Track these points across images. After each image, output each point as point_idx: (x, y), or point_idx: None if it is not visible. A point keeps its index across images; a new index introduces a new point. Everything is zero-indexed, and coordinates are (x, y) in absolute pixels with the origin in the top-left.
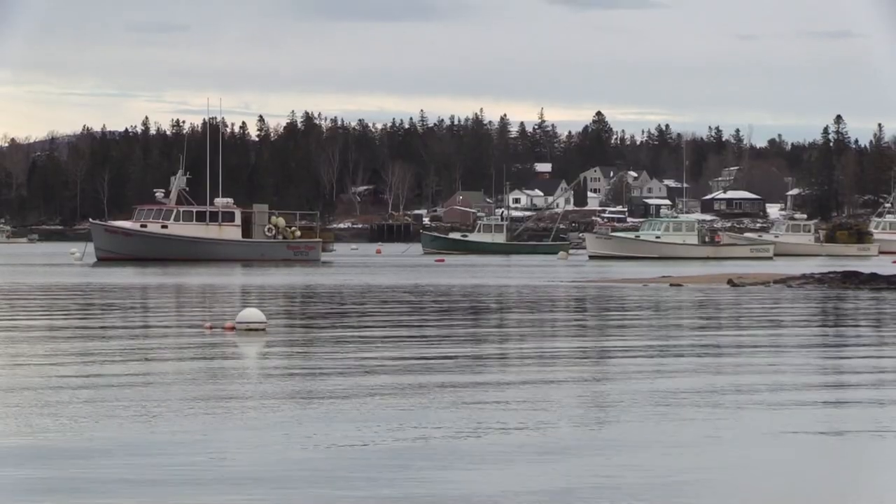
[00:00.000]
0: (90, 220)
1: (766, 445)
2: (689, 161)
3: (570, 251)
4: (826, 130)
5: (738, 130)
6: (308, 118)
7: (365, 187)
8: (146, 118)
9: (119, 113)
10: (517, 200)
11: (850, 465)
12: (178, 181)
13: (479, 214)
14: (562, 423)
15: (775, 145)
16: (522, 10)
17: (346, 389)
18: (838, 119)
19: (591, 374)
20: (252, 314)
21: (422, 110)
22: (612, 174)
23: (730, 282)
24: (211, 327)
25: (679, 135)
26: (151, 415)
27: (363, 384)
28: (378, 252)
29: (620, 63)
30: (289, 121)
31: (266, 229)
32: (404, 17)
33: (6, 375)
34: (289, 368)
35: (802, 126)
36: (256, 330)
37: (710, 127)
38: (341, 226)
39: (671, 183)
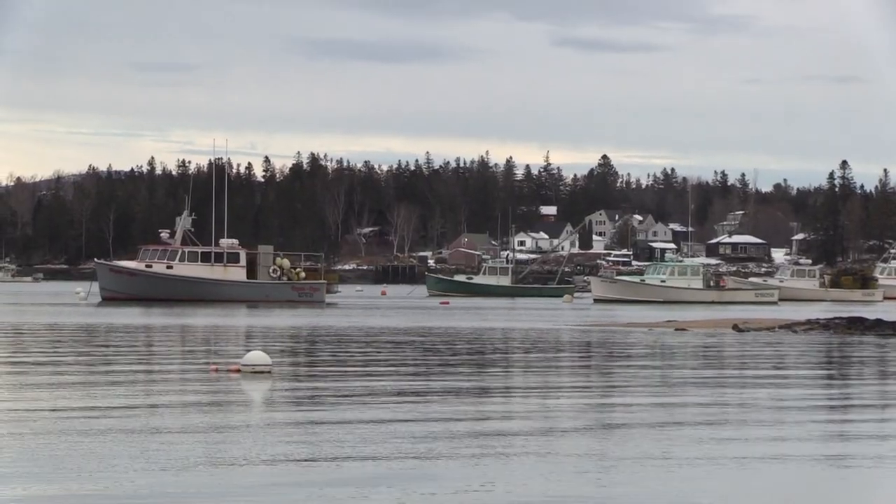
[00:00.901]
0: (95, 259)
1: (768, 477)
2: (694, 205)
3: (575, 294)
4: (832, 175)
5: (743, 175)
6: (314, 159)
7: (370, 229)
8: (152, 158)
9: (125, 153)
10: (522, 243)
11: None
12: (184, 221)
13: (484, 257)
14: (569, 471)
15: (781, 190)
16: (529, 52)
17: (352, 439)
18: (844, 164)
19: (597, 419)
20: (257, 357)
21: (427, 152)
22: (617, 217)
23: (735, 327)
24: (216, 370)
25: (684, 179)
26: (155, 464)
27: (369, 432)
28: (383, 294)
29: (626, 106)
30: (294, 162)
31: (271, 270)
32: (411, 59)
33: (13, 417)
34: (293, 413)
35: (808, 171)
36: (262, 373)
37: (715, 171)
38: (346, 267)
39: (676, 227)
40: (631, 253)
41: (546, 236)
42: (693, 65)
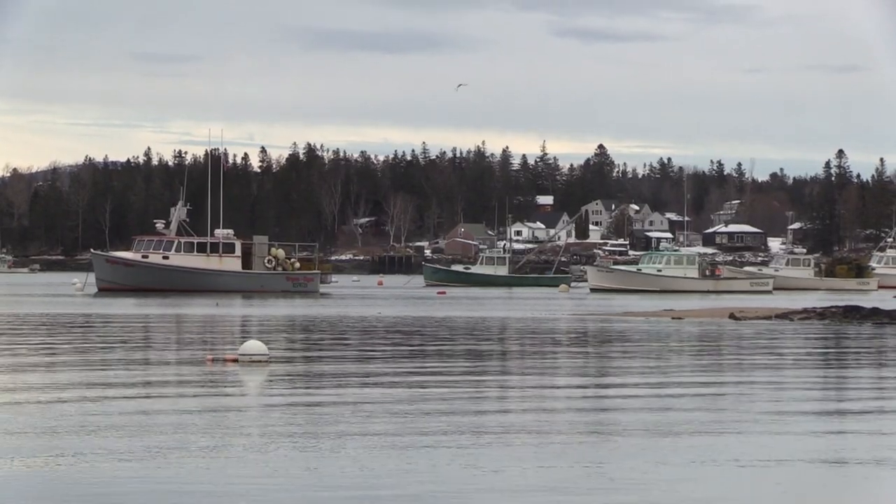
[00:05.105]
0: (91, 250)
1: (767, 473)
2: (690, 194)
3: (572, 284)
4: (828, 165)
5: (739, 164)
6: (310, 149)
7: (367, 219)
8: (148, 149)
9: (122, 143)
10: (519, 233)
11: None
12: (179, 212)
13: (480, 247)
14: (565, 456)
15: (777, 179)
16: (529, 43)
17: (349, 423)
18: (840, 153)
19: (594, 405)
20: (254, 346)
21: (424, 142)
22: (613, 207)
23: (732, 315)
24: (213, 360)
25: (681, 168)
26: (154, 451)
27: (367, 418)
28: (380, 284)
29: (623, 96)
30: (291, 152)
31: (266, 261)
32: (410, 49)
33: (8, 410)
34: (292, 403)
35: (804, 160)
36: (259, 362)
37: (711, 160)
38: (343, 257)
39: (673, 216)
40: (627, 242)
41: (543, 226)
42: (693, 55)
